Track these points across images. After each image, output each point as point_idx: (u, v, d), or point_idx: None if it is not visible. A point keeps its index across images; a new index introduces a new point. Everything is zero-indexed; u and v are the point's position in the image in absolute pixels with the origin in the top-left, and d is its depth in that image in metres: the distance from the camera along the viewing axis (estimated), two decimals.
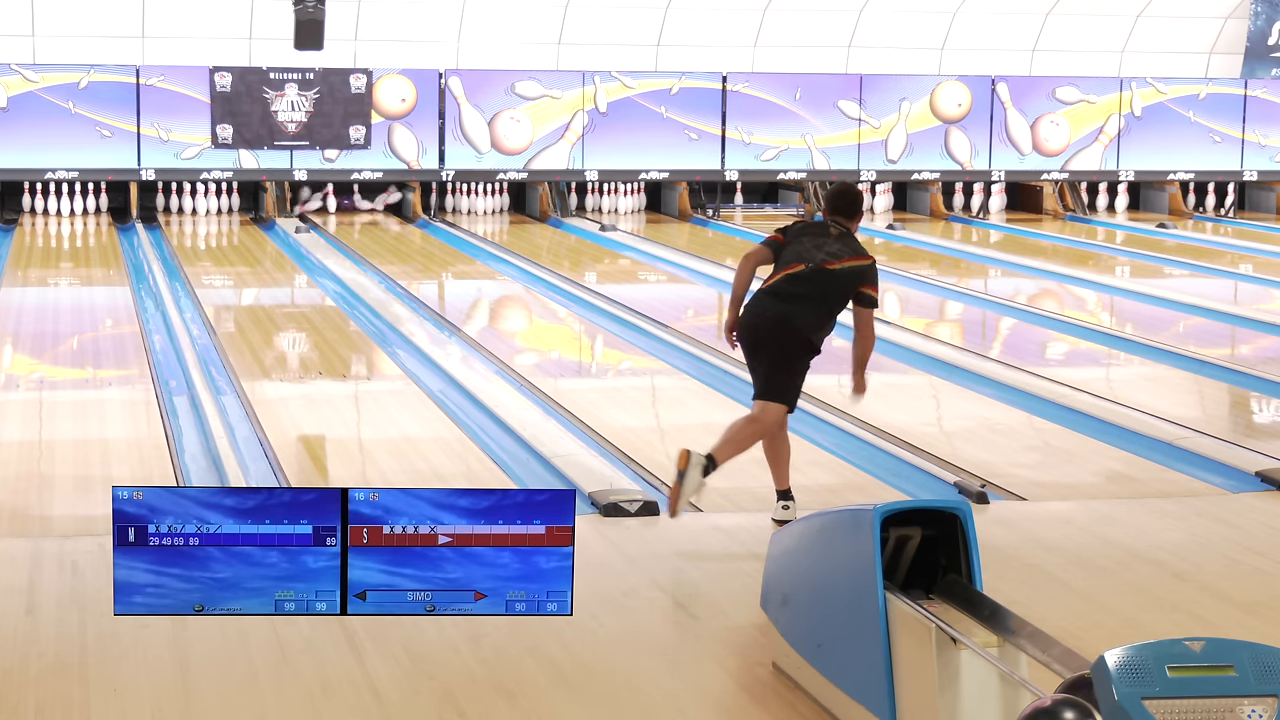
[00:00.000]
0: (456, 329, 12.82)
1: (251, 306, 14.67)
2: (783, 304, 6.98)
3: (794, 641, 5.13)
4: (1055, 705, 3.36)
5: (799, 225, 7.26)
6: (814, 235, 7.11)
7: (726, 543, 6.82)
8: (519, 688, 5.16)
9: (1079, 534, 7.05)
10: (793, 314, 6.96)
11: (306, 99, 19.93)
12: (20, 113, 19.48)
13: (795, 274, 7.04)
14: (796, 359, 6.99)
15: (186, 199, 20.46)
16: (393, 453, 8.69)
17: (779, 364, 6.97)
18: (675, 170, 21.16)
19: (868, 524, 4.55)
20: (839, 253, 7.03)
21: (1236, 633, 5.57)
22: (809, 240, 7.08)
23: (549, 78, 20.72)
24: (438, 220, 20.56)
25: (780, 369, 6.97)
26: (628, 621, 5.79)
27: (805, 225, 7.25)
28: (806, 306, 6.98)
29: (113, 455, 8.52)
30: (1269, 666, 3.33)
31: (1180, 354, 11.73)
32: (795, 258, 7.05)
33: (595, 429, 9.04)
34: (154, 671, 5.23)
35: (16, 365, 11.39)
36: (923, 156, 21.65)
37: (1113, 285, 15.71)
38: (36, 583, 6.14)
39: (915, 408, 10.14)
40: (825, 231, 7.12)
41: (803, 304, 6.98)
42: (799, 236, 7.14)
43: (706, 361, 11.23)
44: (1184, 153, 22.40)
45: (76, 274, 16.15)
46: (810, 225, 7.24)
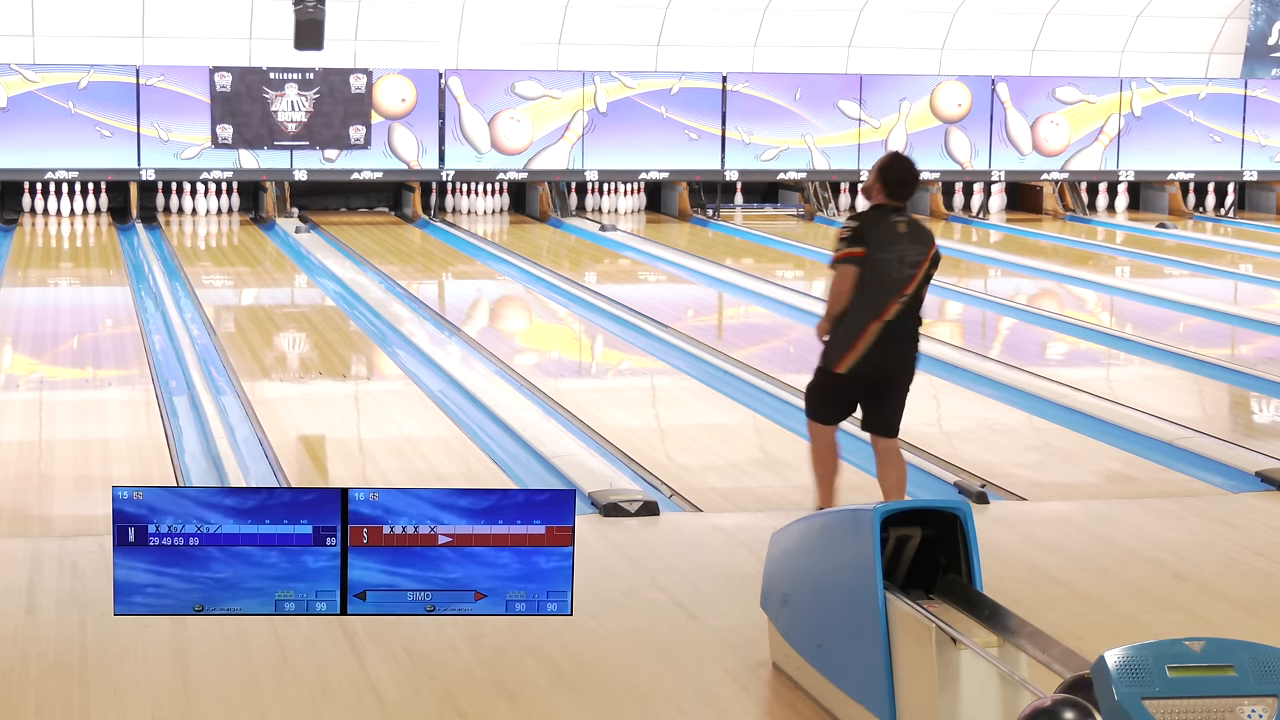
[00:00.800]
0: (456, 329, 12.82)
1: (251, 306, 14.67)
2: (905, 347, 6.86)
3: (794, 641, 5.13)
4: (1055, 705, 3.36)
5: (869, 225, 6.76)
6: (891, 241, 6.73)
7: (726, 543, 6.82)
8: (519, 688, 5.16)
9: (1079, 534, 7.05)
10: (915, 354, 6.92)
11: (306, 99, 19.93)
12: (20, 113, 19.48)
13: (906, 306, 6.79)
14: None
15: (186, 199, 20.46)
16: (393, 453, 8.69)
17: (901, 404, 7.01)
18: (675, 170, 21.16)
19: (868, 524, 4.55)
20: (918, 258, 6.76)
21: (1236, 633, 5.57)
22: (891, 254, 6.72)
23: (549, 78, 20.72)
24: (438, 220, 20.56)
25: (902, 407, 7.02)
26: (628, 621, 5.79)
27: (875, 224, 6.76)
28: (917, 334, 6.92)
29: (113, 455, 8.52)
30: (1269, 666, 3.33)
31: (1180, 354, 11.73)
32: (891, 283, 6.73)
33: (595, 429, 9.04)
34: (154, 671, 5.23)
35: (16, 365, 11.39)
36: (923, 156, 21.63)
37: (1113, 285, 15.71)
38: (36, 583, 6.14)
39: (915, 408, 10.07)
40: (896, 231, 6.77)
41: (916, 335, 6.91)
42: (881, 248, 6.73)
43: (706, 361, 11.23)
44: (1184, 153, 22.40)
45: (76, 274, 16.15)
46: (881, 224, 6.77)
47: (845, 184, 22.08)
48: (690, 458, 8.58)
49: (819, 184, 21.83)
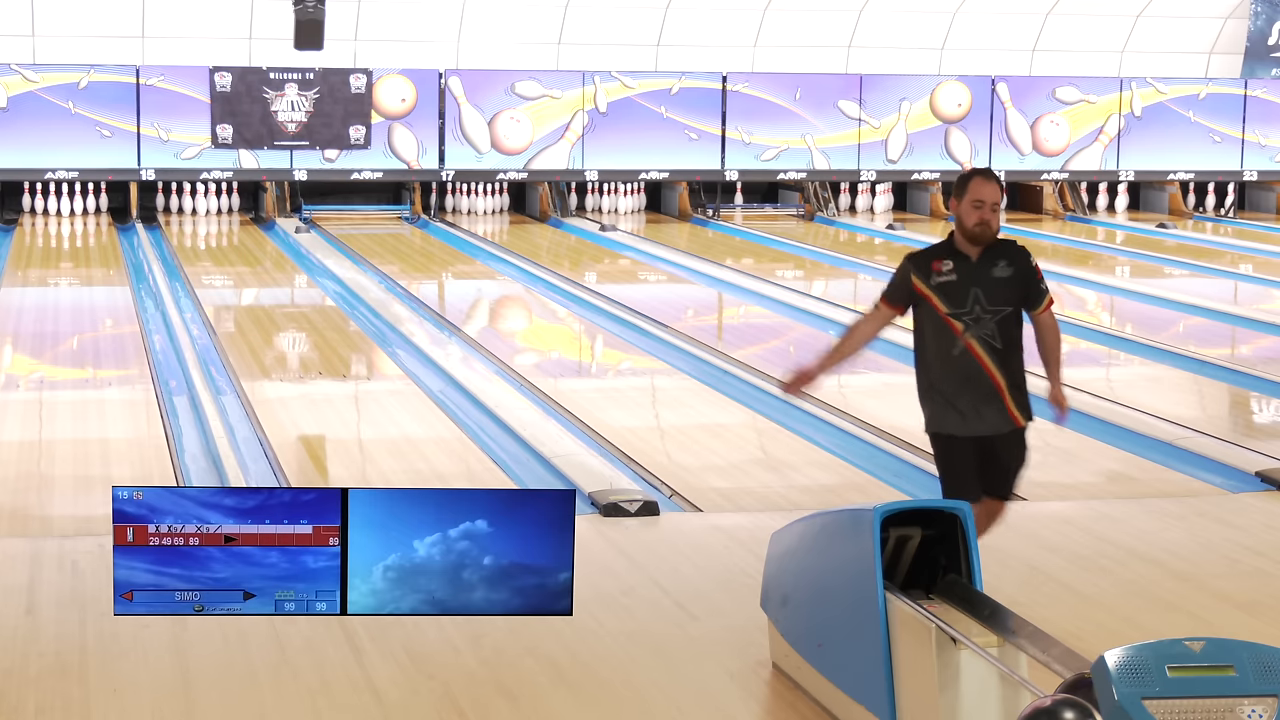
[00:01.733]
0: (456, 329, 12.82)
1: (251, 306, 14.67)
2: (1016, 413, 5.75)
3: (794, 641, 5.13)
4: (1055, 705, 3.36)
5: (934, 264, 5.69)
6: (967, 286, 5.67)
7: (726, 543, 6.82)
8: (519, 688, 5.16)
9: (1079, 534, 7.05)
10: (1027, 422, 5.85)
11: (306, 99, 19.93)
12: (20, 113, 19.47)
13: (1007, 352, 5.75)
14: None
15: (186, 199, 20.45)
16: (393, 453, 8.69)
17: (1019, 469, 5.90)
18: (675, 170, 21.16)
19: (868, 524, 4.55)
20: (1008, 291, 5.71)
21: (1236, 633, 5.57)
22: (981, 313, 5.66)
23: (549, 78, 20.72)
24: (438, 220, 20.56)
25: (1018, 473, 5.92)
26: (628, 621, 5.79)
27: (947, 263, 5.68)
28: None
29: (113, 455, 8.52)
30: (1269, 666, 3.33)
31: (1180, 354, 11.73)
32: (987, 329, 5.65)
33: (595, 429, 9.04)
34: (154, 671, 5.23)
35: (16, 365, 11.39)
36: (923, 156, 21.64)
37: (1113, 285, 15.71)
38: (36, 583, 6.14)
39: (915, 408, 10.11)
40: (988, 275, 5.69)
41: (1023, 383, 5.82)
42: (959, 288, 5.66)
43: (706, 361, 11.23)
44: (1184, 153, 22.40)
45: (76, 274, 16.15)
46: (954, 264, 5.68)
47: (845, 184, 22.08)
48: (690, 458, 8.58)
49: (819, 184, 21.82)
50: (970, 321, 5.64)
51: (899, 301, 5.77)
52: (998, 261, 5.67)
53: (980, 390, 5.68)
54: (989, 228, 5.60)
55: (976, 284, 5.63)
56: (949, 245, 5.71)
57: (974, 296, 5.64)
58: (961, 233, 5.65)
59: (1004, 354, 5.67)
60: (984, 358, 5.65)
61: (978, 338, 5.64)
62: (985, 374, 5.67)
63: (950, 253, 5.69)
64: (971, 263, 5.64)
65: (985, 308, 5.64)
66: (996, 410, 5.70)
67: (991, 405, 5.69)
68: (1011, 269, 5.68)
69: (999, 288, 5.66)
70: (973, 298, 5.64)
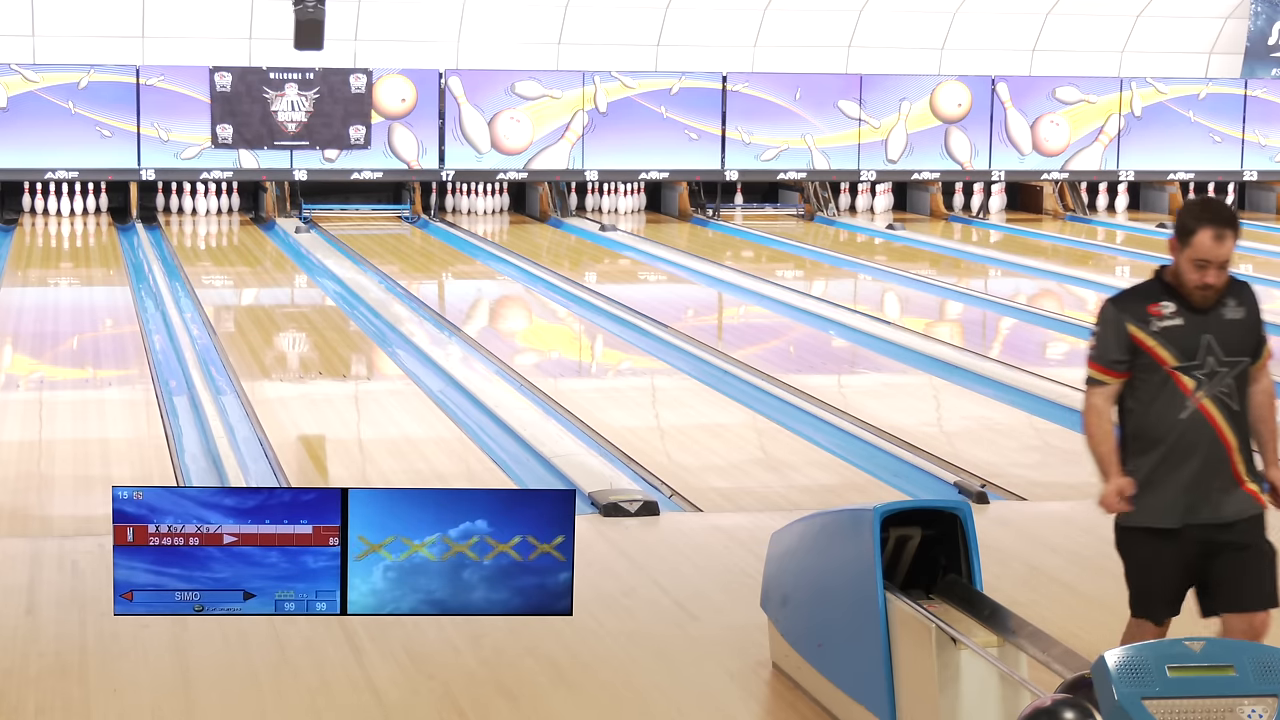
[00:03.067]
0: (456, 329, 12.82)
1: (251, 306, 14.66)
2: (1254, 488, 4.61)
3: (794, 641, 5.13)
4: (1055, 705, 3.36)
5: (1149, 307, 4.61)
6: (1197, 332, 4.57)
7: (726, 543, 6.82)
8: (519, 688, 5.16)
9: (1079, 534, 7.05)
10: None
11: (306, 99, 19.93)
12: (20, 113, 19.47)
13: None
14: None
15: (186, 199, 20.45)
16: (393, 453, 8.69)
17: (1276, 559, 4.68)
18: (675, 170, 21.16)
19: (868, 524, 4.55)
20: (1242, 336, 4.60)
21: None
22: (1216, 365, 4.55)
23: (549, 78, 20.71)
24: (438, 220, 20.55)
25: None
26: (628, 621, 5.79)
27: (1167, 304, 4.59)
28: None
29: (113, 455, 8.52)
30: (1269, 666, 3.33)
31: None
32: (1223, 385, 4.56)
33: (595, 429, 9.04)
34: (154, 671, 5.23)
35: (16, 365, 11.38)
36: (923, 156, 21.64)
37: (1113, 285, 15.69)
38: (36, 583, 6.14)
39: (915, 408, 10.13)
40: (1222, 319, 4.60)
41: None
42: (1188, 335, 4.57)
43: (706, 361, 11.23)
44: (1184, 153, 22.39)
45: (76, 274, 16.15)
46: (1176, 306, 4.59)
47: (845, 184, 22.08)
48: (690, 458, 8.58)
49: (819, 184, 21.81)
50: (1203, 377, 4.53)
51: (1121, 361, 4.60)
52: (1226, 301, 4.57)
53: (1213, 463, 4.54)
54: (1211, 293, 4.52)
55: (1207, 330, 4.53)
56: (1161, 283, 4.61)
57: (1206, 345, 4.53)
58: (1176, 283, 4.58)
59: (1239, 417, 4.57)
60: (1219, 422, 4.54)
61: (1212, 397, 4.52)
62: (1220, 443, 4.54)
63: (1167, 292, 4.59)
64: (1195, 304, 4.56)
65: (1221, 359, 4.53)
66: (1234, 487, 4.57)
67: (1229, 481, 4.56)
68: (1242, 309, 4.58)
69: (1233, 333, 4.56)
70: (1205, 347, 4.53)
